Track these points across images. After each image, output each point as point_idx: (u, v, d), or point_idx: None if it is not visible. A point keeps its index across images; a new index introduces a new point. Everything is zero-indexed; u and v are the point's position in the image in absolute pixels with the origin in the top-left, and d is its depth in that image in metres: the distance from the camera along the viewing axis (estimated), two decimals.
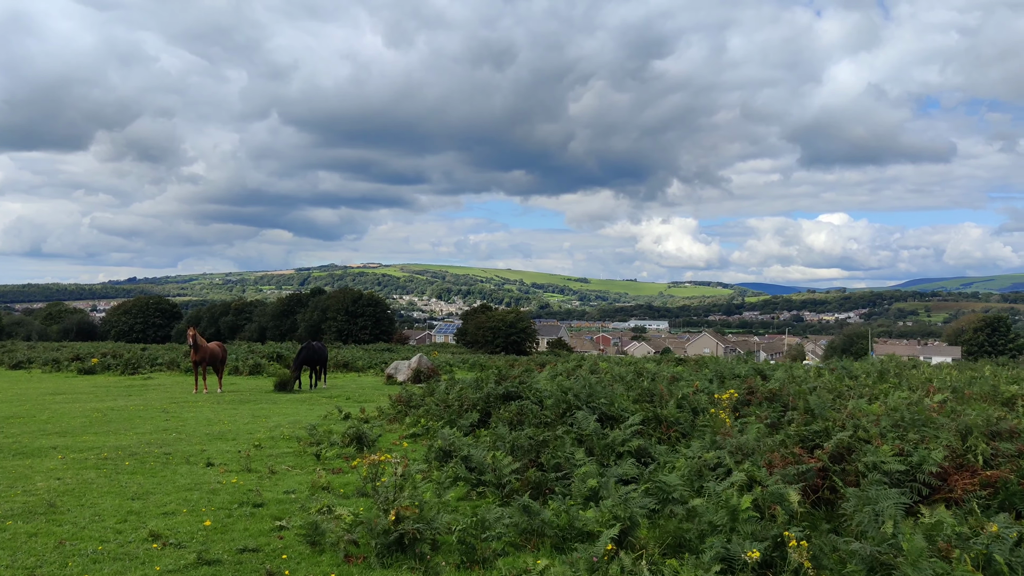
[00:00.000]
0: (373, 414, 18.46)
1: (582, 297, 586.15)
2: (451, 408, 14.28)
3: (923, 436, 7.82)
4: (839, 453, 7.72)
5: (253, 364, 36.40)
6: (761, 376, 14.15)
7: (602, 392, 11.95)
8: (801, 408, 11.87)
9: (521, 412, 12.20)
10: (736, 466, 8.11)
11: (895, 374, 16.53)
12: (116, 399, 23.53)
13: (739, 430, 9.31)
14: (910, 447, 7.46)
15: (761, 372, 14.43)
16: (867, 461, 7.19)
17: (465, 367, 45.25)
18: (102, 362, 38.45)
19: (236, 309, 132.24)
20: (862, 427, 8.28)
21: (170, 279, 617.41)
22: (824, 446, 7.88)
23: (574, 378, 15.77)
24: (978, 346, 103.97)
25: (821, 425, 8.54)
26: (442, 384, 17.09)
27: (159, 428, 16.34)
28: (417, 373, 31.37)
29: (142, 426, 16.68)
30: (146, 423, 17.17)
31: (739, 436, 8.77)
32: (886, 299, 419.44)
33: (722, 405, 10.84)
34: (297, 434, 15.21)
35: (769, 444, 8.63)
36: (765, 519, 6.57)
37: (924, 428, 8.26)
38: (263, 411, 20.50)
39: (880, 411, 9.12)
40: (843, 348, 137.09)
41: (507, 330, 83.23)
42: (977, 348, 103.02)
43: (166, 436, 15.09)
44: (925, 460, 7.10)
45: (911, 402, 9.00)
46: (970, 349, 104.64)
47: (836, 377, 15.54)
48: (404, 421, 16.39)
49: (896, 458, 7.19)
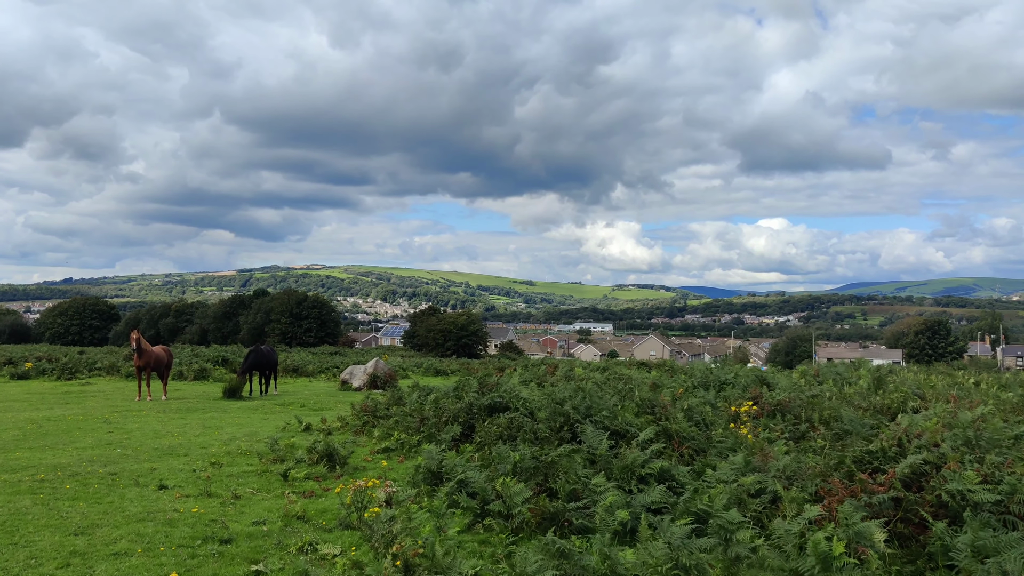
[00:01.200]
0: (335, 424, 17.12)
1: (528, 299, 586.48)
2: (428, 420, 13.04)
3: (1005, 458, 6.93)
4: (911, 479, 6.77)
5: (198, 369, 34.55)
6: (765, 384, 13.26)
7: (601, 403, 10.89)
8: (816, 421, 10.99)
9: (512, 426, 11.07)
10: (786, 493, 7.12)
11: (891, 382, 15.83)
12: (53, 408, 21.71)
13: (785, 452, 8.32)
14: (992, 470, 6.56)
15: (765, 380, 13.54)
16: (950, 489, 6.25)
17: (420, 371, 43.91)
18: (36, 366, 36.15)
19: (176, 311, 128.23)
20: (926, 446, 7.34)
21: (108, 280, 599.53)
22: (887, 470, 6.92)
23: (557, 387, 14.70)
24: (919, 349, 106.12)
25: (877, 445, 7.59)
26: (413, 393, 15.83)
27: (102, 442, 14.77)
28: (374, 378, 30.01)
29: (82, 440, 15.09)
30: (87, 436, 15.57)
31: (782, 457, 7.78)
32: (824, 302, 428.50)
33: (741, 419, 9.87)
34: (257, 448, 13.83)
35: (814, 466, 7.67)
36: (852, 564, 5.54)
37: (1006, 449, 7.37)
38: (214, 421, 18.99)
39: (933, 426, 8.23)
40: (786, 350, 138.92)
41: (458, 333, 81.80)
42: (918, 351, 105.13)
43: (110, 452, 13.56)
44: (1018, 488, 6.20)
45: (978, 417, 8.14)
46: (911, 352, 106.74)
47: (834, 384, 14.75)
48: (372, 433, 15.11)
49: (983, 486, 6.27)
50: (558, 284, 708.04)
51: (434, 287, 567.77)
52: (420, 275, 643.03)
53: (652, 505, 7.55)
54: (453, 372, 44.48)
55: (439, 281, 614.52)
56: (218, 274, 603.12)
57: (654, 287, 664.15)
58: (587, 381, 16.48)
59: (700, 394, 13.50)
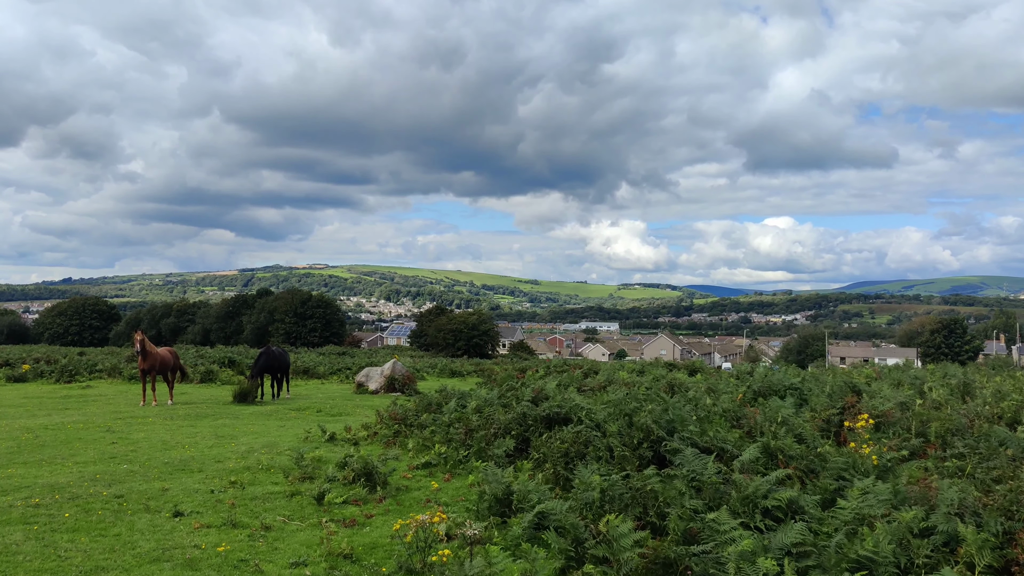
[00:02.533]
0: (361, 433, 15.63)
1: (532, 299, 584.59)
2: (476, 432, 11.50)
3: None
4: None
5: (205, 371, 33.08)
6: (855, 392, 11.69)
7: (685, 415, 9.38)
8: (931, 436, 9.48)
9: (578, 441, 9.55)
10: (973, 535, 5.63)
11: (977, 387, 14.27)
12: (51, 414, 20.26)
13: (946, 479, 6.81)
14: None
15: (855, 387, 11.95)
16: None
17: (434, 372, 42.41)
18: (34, 368, 34.68)
19: (178, 311, 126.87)
20: None
21: (107, 280, 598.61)
22: None
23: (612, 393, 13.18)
24: (935, 348, 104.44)
25: None
26: (451, 399, 14.29)
27: (105, 455, 13.29)
28: (391, 381, 28.54)
29: (84, 452, 13.61)
30: (88, 448, 14.10)
31: (947, 489, 6.28)
32: (831, 301, 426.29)
33: (859, 435, 8.35)
34: (280, 463, 12.36)
35: (984, 498, 6.17)
36: None
37: None
38: (227, 429, 17.51)
39: None
40: (798, 350, 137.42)
41: (469, 332, 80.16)
42: (934, 350, 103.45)
43: (115, 468, 12.08)
44: None
45: None
46: (927, 351, 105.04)
47: (910, 389, 13.18)
48: (406, 444, 13.63)
49: None
50: (563, 283, 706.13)
51: (438, 287, 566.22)
52: (424, 275, 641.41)
53: (792, 548, 6.05)
54: (469, 373, 43.03)
55: (443, 281, 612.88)
56: (219, 274, 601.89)
57: (660, 286, 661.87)
58: (638, 387, 14.98)
59: (776, 403, 11.98)
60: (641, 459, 8.75)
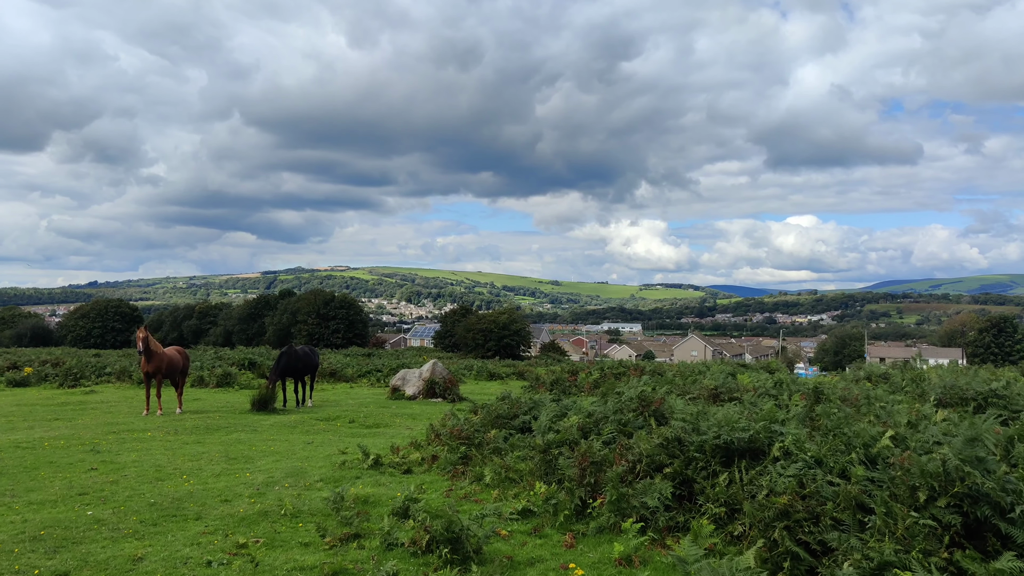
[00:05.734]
0: (413, 456, 12.04)
1: (553, 300, 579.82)
2: (600, 465, 7.78)
3: None
4: None
5: (222, 374, 29.75)
6: None
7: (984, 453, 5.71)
8: None
9: (802, 493, 5.90)
10: None
11: None
12: (33, 427, 16.87)
13: None
14: None
15: None
16: None
17: (471, 375, 38.81)
18: (39, 372, 31.62)
19: (200, 312, 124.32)
20: None
21: (132, 283, 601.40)
22: None
23: (763, 403, 9.50)
24: (983, 348, 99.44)
25: None
26: (542, 414, 10.60)
27: (73, 490, 9.81)
28: (431, 385, 25.04)
29: (46, 486, 10.15)
30: (56, 478, 10.64)
31: None
32: (858, 301, 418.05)
33: None
34: (311, 504, 8.83)
35: None
36: None
37: None
38: (242, 447, 14.02)
39: None
40: (835, 350, 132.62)
41: (499, 333, 76.33)
42: (983, 350, 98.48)
43: (77, 514, 8.58)
44: None
45: None
46: (975, 351, 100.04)
47: None
48: (479, 475, 10.05)
49: None
50: (583, 284, 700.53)
51: (459, 288, 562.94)
52: (444, 276, 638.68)
53: None
54: (507, 375, 39.49)
55: (463, 282, 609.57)
56: (242, 276, 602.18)
57: (682, 286, 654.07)
58: (780, 394, 11.28)
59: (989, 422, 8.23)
60: (943, 528, 5.08)
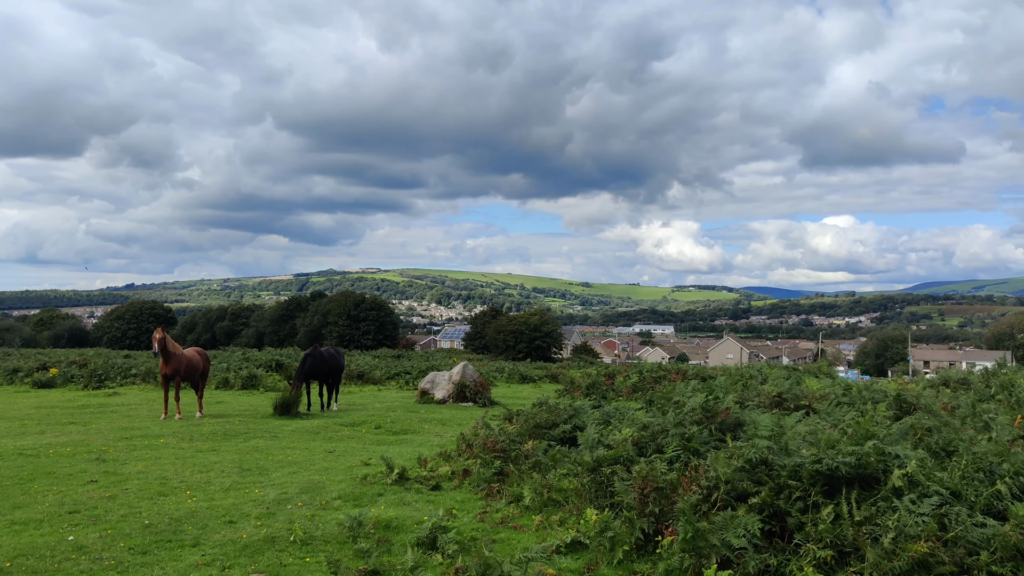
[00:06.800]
0: (443, 470, 10.90)
1: (584, 301, 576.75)
2: (663, 487, 6.52)
3: None
4: None
5: (248, 375, 28.86)
6: None
7: None
8: None
9: (945, 539, 4.62)
10: None
11: None
12: (45, 431, 16.05)
13: None
14: None
15: None
16: None
17: (503, 377, 37.63)
18: (64, 373, 31.08)
19: (232, 314, 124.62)
20: None
21: (168, 285, 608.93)
22: None
23: (842, 412, 8.20)
24: None
25: None
26: (589, 425, 9.31)
27: (64, 507, 8.82)
28: (461, 388, 23.94)
29: (36, 501, 9.18)
30: (49, 492, 9.66)
31: None
32: (897, 303, 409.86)
33: None
34: (324, 529, 7.73)
35: None
36: None
37: None
38: (257, 457, 13.00)
39: None
40: (876, 353, 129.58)
41: (531, 334, 75.04)
42: None
43: (60, 537, 7.56)
44: None
45: None
46: None
47: None
48: (518, 494, 8.90)
49: None
50: (614, 285, 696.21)
51: (488, 289, 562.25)
52: (474, 278, 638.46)
53: None
54: (541, 378, 38.23)
55: (493, 283, 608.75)
56: (276, 278, 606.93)
57: (715, 288, 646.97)
58: (861, 403, 9.97)
59: None
60: None
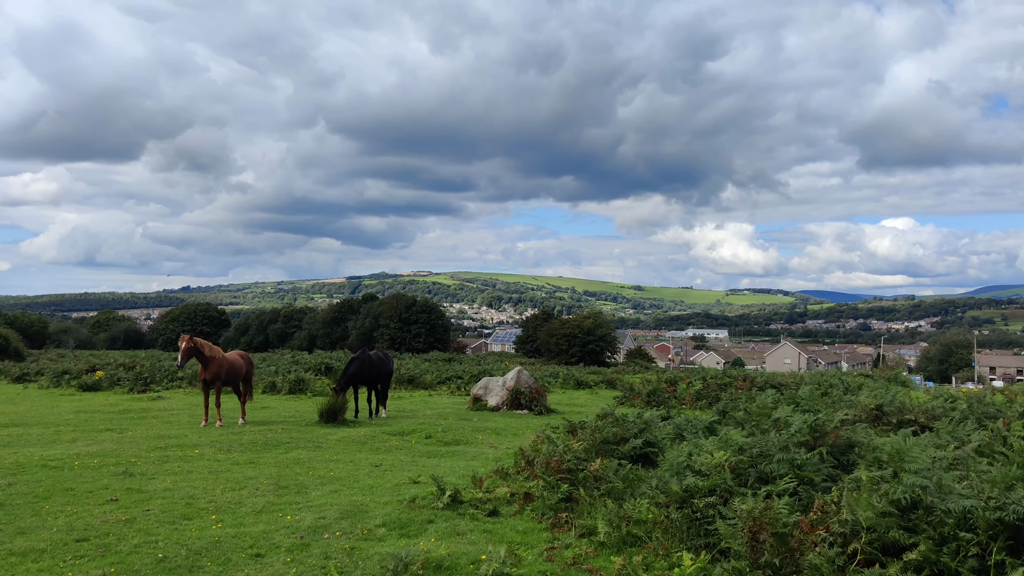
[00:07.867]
0: (501, 491, 9.64)
1: (636, 305, 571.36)
2: (782, 533, 5.13)
3: None
4: None
5: (295, 379, 28.01)
6: None
7: None
8: None
9: None
10: None
11: None
12: (78, 439, 15.20)
13: None
14: None
15: None
16: None
17: (557, 383, 36.28)
18: (111, 375, 30.65)
19: (285, 316, 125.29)
20: None
21: (223, 288, 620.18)
22: None
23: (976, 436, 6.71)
24: None
25: None
26: (678, 445, 7.91)
27: (74, 534, 7.76)
28: (516, 394, 22.68)
29: (51, 522, 8.15)
30: (66, 511, 8.64)
31: None
32: (959, 307, 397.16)
33: None
34: (363, 569, 6.52)
35: None
36: None
37: None
38: (297, 472, 11.88)
39: None
40: (939, 359, 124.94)
41: (584, 338, 73.55)
42: None
43: (61, 570, 6.47)
44: None
45: None
46: None
47: None
48: (593, 529, 7.60)
49: None
50: (666, 289, 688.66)
51: (539, 293, 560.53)
52: (525, 281, 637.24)
53: None
54: (596, 384, 36.77)
55: (544, 287, 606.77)
56: (328, 281, 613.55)
57: (770, 291, 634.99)
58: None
59: None
60: None
